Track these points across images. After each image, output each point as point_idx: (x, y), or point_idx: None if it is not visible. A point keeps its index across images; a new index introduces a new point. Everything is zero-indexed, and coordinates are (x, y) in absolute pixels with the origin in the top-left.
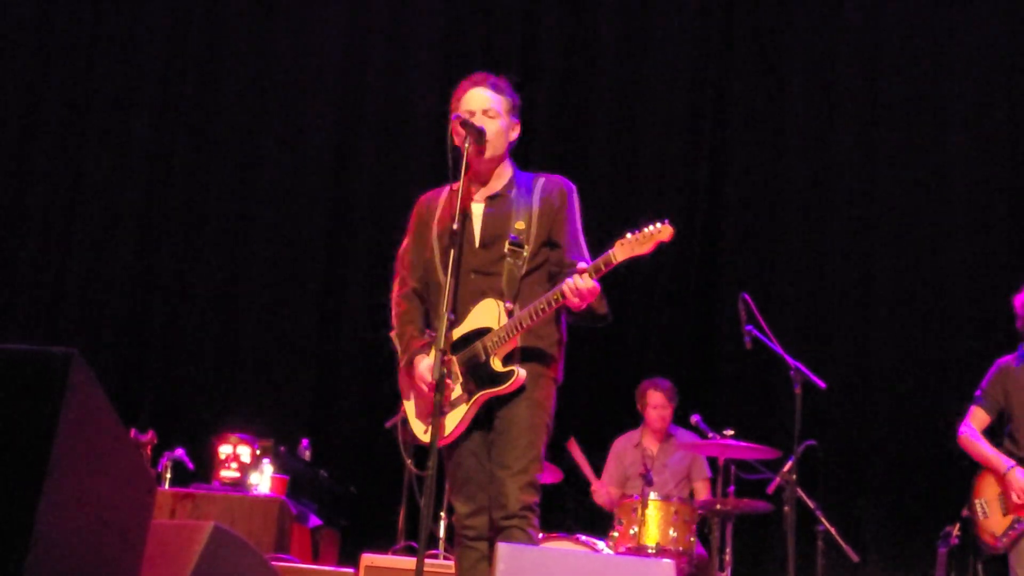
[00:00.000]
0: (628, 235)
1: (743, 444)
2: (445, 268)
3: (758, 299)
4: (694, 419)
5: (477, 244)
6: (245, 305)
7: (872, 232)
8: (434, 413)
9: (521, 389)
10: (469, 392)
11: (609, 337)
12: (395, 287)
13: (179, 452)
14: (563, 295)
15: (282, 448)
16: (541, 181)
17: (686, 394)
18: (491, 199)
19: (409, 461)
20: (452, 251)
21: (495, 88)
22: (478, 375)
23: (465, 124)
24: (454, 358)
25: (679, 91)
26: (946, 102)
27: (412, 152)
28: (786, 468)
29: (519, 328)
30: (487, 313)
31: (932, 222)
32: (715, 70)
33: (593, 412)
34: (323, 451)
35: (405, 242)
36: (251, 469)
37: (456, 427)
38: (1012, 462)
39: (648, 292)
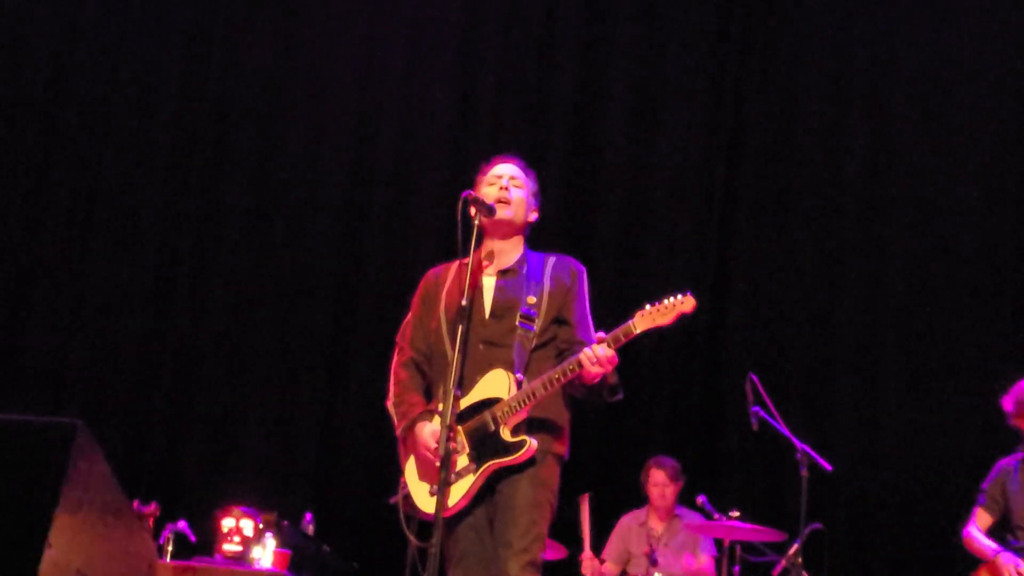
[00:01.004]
0: (648, 306)
1: (749, 526)
2: (453, 340)
3: (765, 378)
4: (700, 500)
5: (487, 315)
6: (251, 376)
7: (881, 315)
8: (439, 489)
9: (527, 464)
10: (477, 462)
11: (614, 415)
12: (394, 358)
13: (181, 524)
14: (580, 364)
15: (285, 522)
16: (552, 260)
17: (692, 474)
18: (503, 273)
19: (411, 536)
20: (460, 326)
21: (523, 167)
22: (486, 446)
23: (475, 201)
24: (460, 428)
25: (689, 168)
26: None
27: (423, 223)
28: (792, 551)
29: (531, 399)
30: (496, 383)
31: (943, 302)
32: (726, 134)
33: (597, 491)
34: (326, 525)
35: (409, 316)
36: (254, 543)
37: (461, 498)
38: (998, 547)
39: (654, 370)
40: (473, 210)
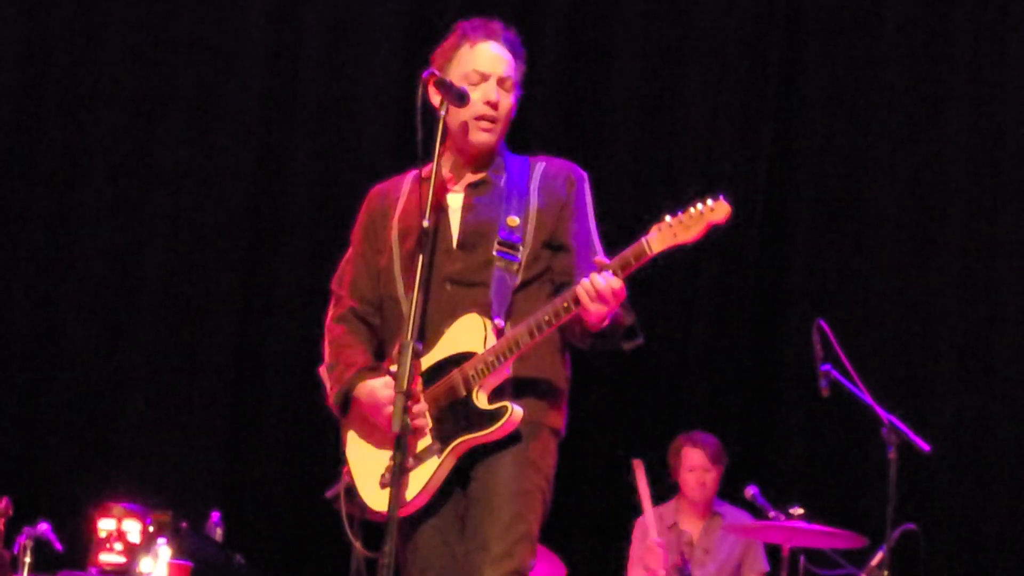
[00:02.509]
0: (668, 218)
1: (816, 528)
2: (409, 280)
3: (839, 328)
4: (749, 492)
5: (455, 245)
6: (135, 336)
7: (997, 242)
8: (392, 478)
9: (509, 440)
10: (443, 440)
11: (630, 376)
12: (329, 311)
13: (43, 528)
14: (576, 300)
15: (184, 524)
16: (540, 166)
17: (738, 457)
18: (473, 187)
19: (357, 542)
20: (421, 256)
21: (514, 50)
22: (456, 416)
23: (440, 84)
24: (420, 394)
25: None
26: None
27: (359, 136)
28: (875, 561)
29: (513, 351)
30: (469, 332)
31: None
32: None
33: (607, 481)
34: (239, 528)
35: (348, 254)
36: (141, 552)
37: (422, 490)
38: None
39: (686, 314)
40: (439, 99)
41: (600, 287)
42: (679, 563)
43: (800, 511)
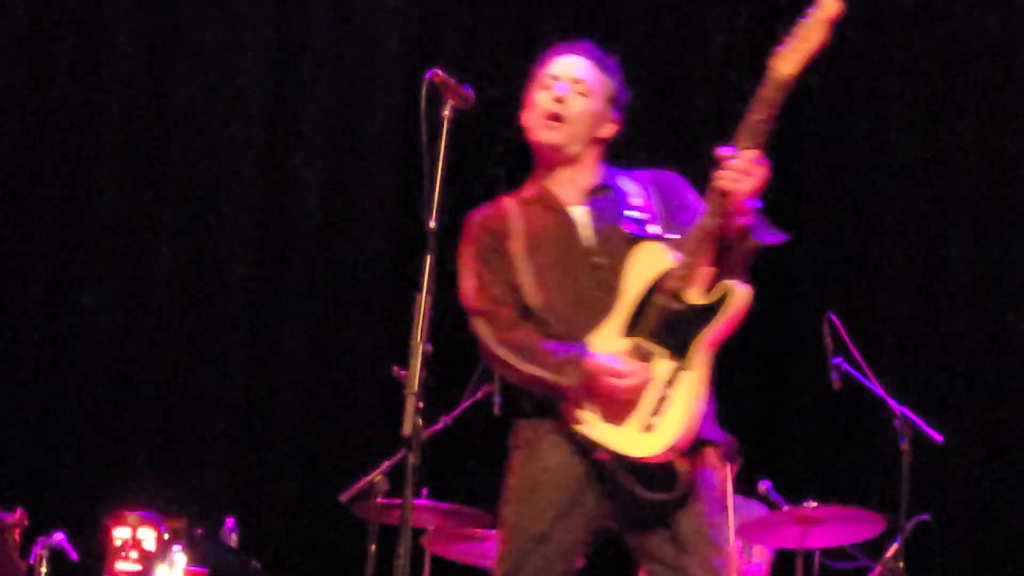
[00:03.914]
0: (781, 46)
1: (832, 509)
2: (545, 292)
3: (849, 321)
4: (763, 487)
5: (596, 249)
6: (147, 344)
7: (1010, 230)
8: (408, 483)
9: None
10: (682, 353)
11: None
12: (487, 330)
13: (58, 537)
14: (723, 190)
15: (199, 530)
16: (643, 172)
17: (752, 452)
18: (591, 193)
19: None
20: (428, 256)
21: (598, 62)
22: (684, 327)
23: (444, 84)
24: (638, 341)
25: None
26: None
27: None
28: (890, 553)
29: (703, 241)
30: (648, 260)
31: None
32: None
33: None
34: (255, 533)
35: (471, 282)
36: (157, 559)
37: (695, 404)
38: None
39: None
40: (450, 103)
41: (739, 166)
42: None
43: (814, 504)
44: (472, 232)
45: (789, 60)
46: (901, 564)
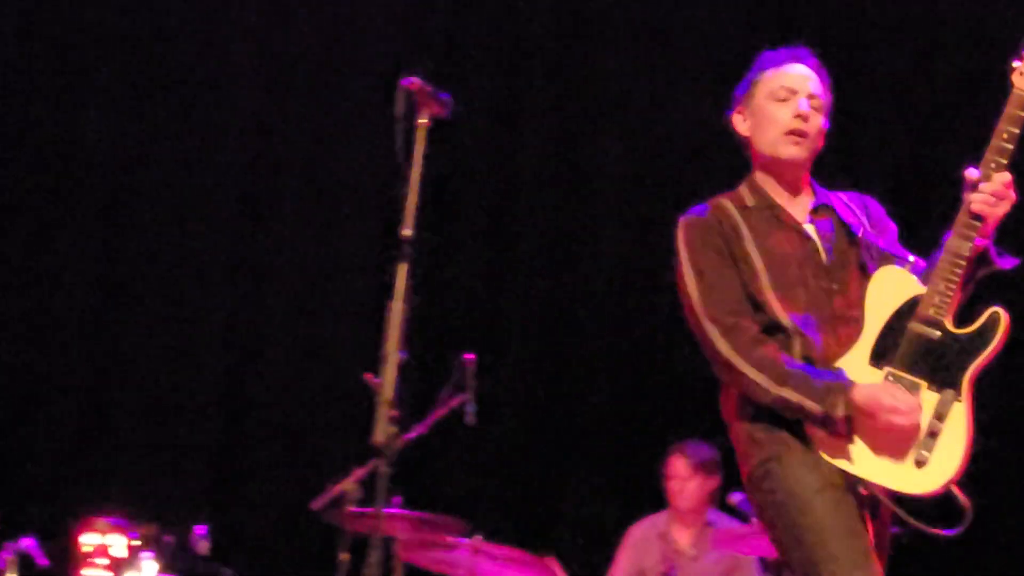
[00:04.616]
0: (1017, 63)
1: None
2: (785, 303)
3: None
4: (734, 499)
5: (828, 261)
6: (119, 349)
7: None
8: (380, 492)
9: None
10: (950, 383)
11: (626, 386)
12: (725, 343)
13: (27, 543)
14: (978, 214)
15: (169, 537)
16: (844, 194)
17: (732, 465)
18: (816, 211)
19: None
20: (401, 265)
21: (820, 73)
22: (945, 356)
23: (421, 93)
24: (893, 371)
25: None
26: None
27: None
28: None
29: (958, 267)
30: (892, 283)
31: None
32: None
33: (603, 490)
34: (226, 541)
35: (698, 286)
36: (127, 566)
37: (966, 438)
38: None
39: (679, 323)
40: (426, 111)
41: (993, 188)
42: (665, 570)
43: None
44: (698, 233)
45: None
46: None
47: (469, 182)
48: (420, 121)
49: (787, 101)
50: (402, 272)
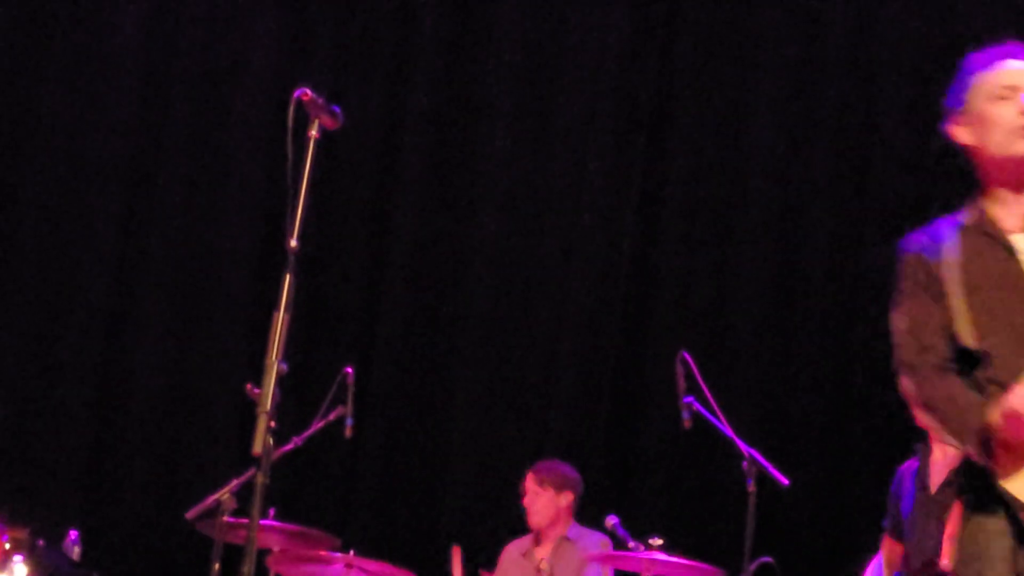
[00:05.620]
0: None
1: (675, 560)
2: (981, 328)
3: (702, 360)
4: (610, 522)
5: None
6: None
7: (860, 275)
8: (255, 503)
9: None
10: None
11: (495, 407)
12: (910, 387)
13: None
14: None
15: (41, 541)
16: None
17: (600, 488)
18: None
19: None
20: (287, 276)
21: None
22: None
23: (312, 104)
24: None
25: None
26: None
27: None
28: None
29: None
30: None
31: None
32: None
33: (480, 512)
34: (98, 547)
35: (902, 325)
36: None
37: None
38: None
39: (552, 346)
40: (316, 123)
41: None
42: None
43: (659, 542)
44: (907, 268)
45: None
46: None
47: (348, 195)
48: (311, 133)
49: (1009, 99)
50: (287, 283)
